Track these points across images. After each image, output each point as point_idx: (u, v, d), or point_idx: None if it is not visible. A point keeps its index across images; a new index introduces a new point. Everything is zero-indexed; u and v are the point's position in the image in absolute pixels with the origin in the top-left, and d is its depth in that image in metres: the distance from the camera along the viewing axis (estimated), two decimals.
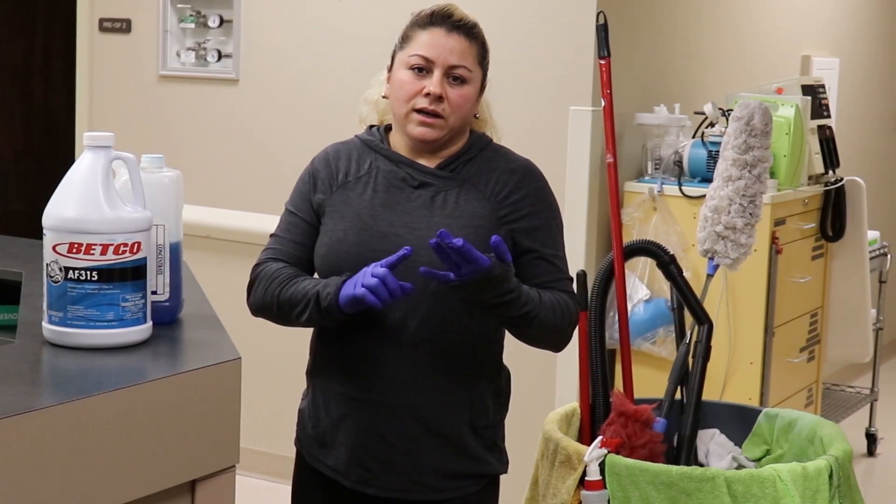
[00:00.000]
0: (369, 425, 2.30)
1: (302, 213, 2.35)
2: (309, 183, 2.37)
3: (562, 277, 2.35)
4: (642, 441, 2.66)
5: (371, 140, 2.38)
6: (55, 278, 1.96)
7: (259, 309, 2.34)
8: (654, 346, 4.02)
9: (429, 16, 2.32)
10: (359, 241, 2.28)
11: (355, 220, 2.30)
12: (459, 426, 2.32)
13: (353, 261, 2.25)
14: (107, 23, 4.92)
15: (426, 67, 2.29)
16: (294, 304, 2.25)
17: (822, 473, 2.51)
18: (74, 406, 1.69)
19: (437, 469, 2.32)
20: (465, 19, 2.32)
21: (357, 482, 2.33)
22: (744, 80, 5.00)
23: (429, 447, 2.31)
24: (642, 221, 4.10)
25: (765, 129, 2.97)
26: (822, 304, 4.66)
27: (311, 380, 2.41)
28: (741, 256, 2.97)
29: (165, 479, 1.83)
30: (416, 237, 2.26)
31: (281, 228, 2.38)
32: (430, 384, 2.28)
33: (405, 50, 2.32)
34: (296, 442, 2.45)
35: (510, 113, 4.15)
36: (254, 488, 4.33)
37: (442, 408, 2.30)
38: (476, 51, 2.33)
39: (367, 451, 2.31)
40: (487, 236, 2.22)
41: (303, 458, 2.43)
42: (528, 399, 4.01)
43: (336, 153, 2.38)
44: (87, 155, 1.99)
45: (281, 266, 2.31)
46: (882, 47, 6.83)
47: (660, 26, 4.48)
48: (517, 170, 2.37)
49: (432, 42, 2.29)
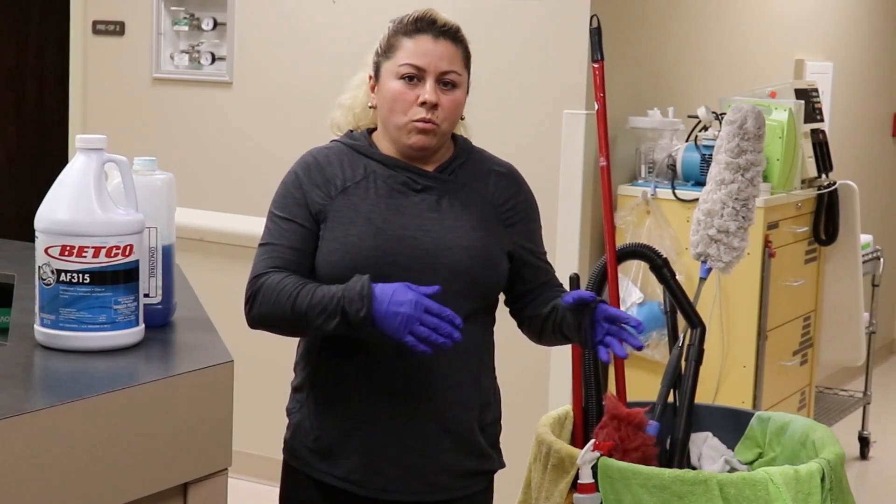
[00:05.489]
0: (387, 430, 2.29)
1: (299, 219, 2.29)
2: (301, 189, 2.31)
3: (554, 274, 2.47)
4: (635, 444, 2.66)
5: (358, 145, 2.36)
6: (47, 281, 1.96)
7: (263, 322, 2.25)
8: (647, 349, 4.02)
9: (413, 23, 2.30)
10: (375, 245, 2.25)
11: (367, 224, 2.27)
12: (471, 424, 2.35)
13: (372, 265, 2.24)
14: (100, 25, 4.92)
15: (417, 76, 2.28)
16: (312, 317, 2.18)
17: (815, 477, 2.52)
18: (66, 409, 1.69)
19: (451, 468, 2.34)
20: (448, 24, 2.32)
21: (373, 489, 2.31)
22: (737, 83, 5.00)
23: (444, 447, 2.32)
24: (636, 225, 4.11)
25: (758, 132, 2.97)
26: (815, 308, 4.67)
27: (309, 392, 2.35)
28: (734, 260, 2.98)
29: (157, 482, 1.83)
30: (431, 239, 2.28)
31: (274, 236, 2.30)
32: (446, 384, 2.30)
33: (392, 59, 2.30)
34: (289, 457, 2.39)
35: (504, 116, 4.16)
36: (246, 491, 4.32)
37: (456, 407, 2.32)
38: (462, 54, 2.33)
39: (385, 456, 2.30)
40: (496, 238, 2.34)
41: (297, 472, 2.37)
42: (522, 402, 4.01)
43: (326, 158, 2.34)
44: (79, 157, 1.99)
45: (284, 275, 2.24)
46: (875, 52, 6.84)
47: (653, 30, 4.48)
48: (508, 174, 2.42)
49: (421, 50, 2.28)
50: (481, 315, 2.36)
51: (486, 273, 2.31)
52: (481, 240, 2.31)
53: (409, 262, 2.26)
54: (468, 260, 2.28)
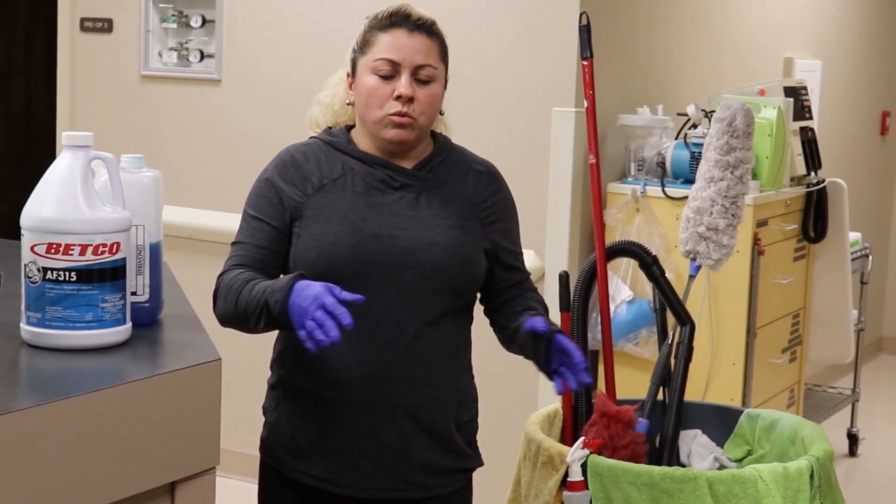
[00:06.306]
0: (364, 428, 2.28)
1: (268, 218, 2.29)
2: (274, 187, 2.30)
3: (528, 275, 2.48)
4: (624, 442, 2.66)
5: (336, 141, 2.35)
6: (33, 279, 1.94)
7: (224, 320, 2.26)
8: (637, 346, 4.02)
9: (388, 17, 2.30)
10: (353, 243, 2.25)
11: (344, 222, 2.27)
12: (447, 422, 2.34)
13: (349, 263, 2.24)
14: (88, 22, 4.90)
15: (392, 70, 2.27)
16: (249, 312, 2.18)
17: (804, 474, 2.52)
18: (53, 408, 1.68)
19: (427, 466, 2.33)
20: (423, 18, 2.30)
21: (349, 487, 2.31)
22: (726, 81, 5.01)
23: (421, 445, 2.32)
24: (625, 222, 4.11)
25: (747, 130, 2.97)
26: (804, 305, 4.67)
27: (286, 390, 2.35)
28: (723, 257, 2.98)
29: (145, 481, 1.82)
30: (409, 237, 2.27)
31: (244, 235, 2.31)
32: (424, 382, 2.30)
33: (368, 55, 2.30)
34: (266, 456, 2.39)
35: (493, 114, 4.15)
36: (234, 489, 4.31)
37: (433, 405, 2.32)
38: (438, 48, 2.32)
39: (362, 454, 2.29)
40: (475, 236, 2.34)
41: (273, 472, 2.37)
42: (511, 400, 4.01)
43: (302, 155, 2.33)
44: (65, 154, 1.98)
45: (239, 272, 2.24)
46: (864, 50, 6.85)
47: (643, 28, 4.48)
48: (487, 172, 2.42)
49: (396, 44, 2.27)
50: (458, 314, 2.35)
51: (464, 271, 2.31)
52: (459, 238, 2.30)
53: (386, 259, 2.25)
54: (446, 258, 2.28)
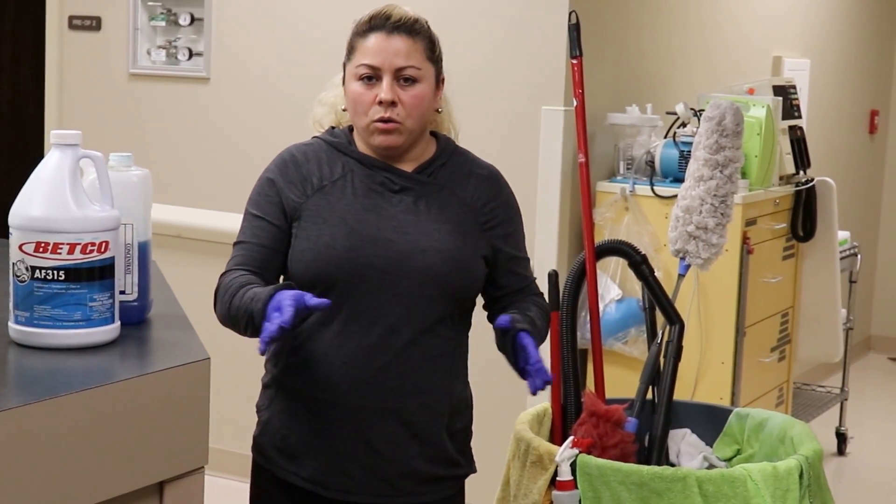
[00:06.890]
0: (354, 432, 2.27)
1: (269, 217, 2.28)
2: (275, 186, 2.30)
3: (532, 280, 2.44)
4: (614, 441, 2.66)
5: (338, 142, 2.34)
6: (21, 278, 1.94)
7: (222, 322, 2.27)
8: (626, 345, 4.02)
9: (367, 22, 2.29)
10: (349, 245, 2.24)
11: (341, 224, 2.25)
12: (439, 430, 2.33)
13: (345, 266, 2.23)
14: (76, 20, 4.89)
15: (374, 75, 2.26)
16: (238, 318, 2.18)
17: (793, 473, 2.52)
18: (41, 407, 1.67)
19: (416, 473, 2.32)
20: (404, 18, 2.27)
21: (338, 491, 2.30)
22: (715, 80, 5.01)
23: (412, 452, 2.30)
24: (614, 221, 4.11)
25: (736, 129, 2.97)
26: (793, 304, 4.68)
27: (279, 390, 2.34)
28: (712, 256, 2.98)
29: (133, 481, 1.81)
30: (406, 241, 2.26)
31: (246, 234, 2.30)
32: (416, 388, 2.28)
33: (352, 61, 2.29)
34: (257, 455, 2.38)
35: (482, 113, 4.15)
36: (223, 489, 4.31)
37: (425, 412, 2.30)
38: (422, 47, 2.28)
39: (351, 458, 2.28)
40: (473, 242, 2.31)
41: (265, 472, 2.36)
42: (500, 399, 4.01)
43: (303, 155, 2.33)
44: (54, 153, 1.97)
45: (238, 275, 2.24)
46: (852, 48, 6.87)
47: (632, 26, 4.48)
48: (489, 177, 2.39)
49: (375, 48, 2.25)
50: (455, 320, 2.33)
51: (461, 277, 2.29)
52: (457, 244, 2.29)
53: (382, 263, 2.24)
54: (442, 264, 2.26)
